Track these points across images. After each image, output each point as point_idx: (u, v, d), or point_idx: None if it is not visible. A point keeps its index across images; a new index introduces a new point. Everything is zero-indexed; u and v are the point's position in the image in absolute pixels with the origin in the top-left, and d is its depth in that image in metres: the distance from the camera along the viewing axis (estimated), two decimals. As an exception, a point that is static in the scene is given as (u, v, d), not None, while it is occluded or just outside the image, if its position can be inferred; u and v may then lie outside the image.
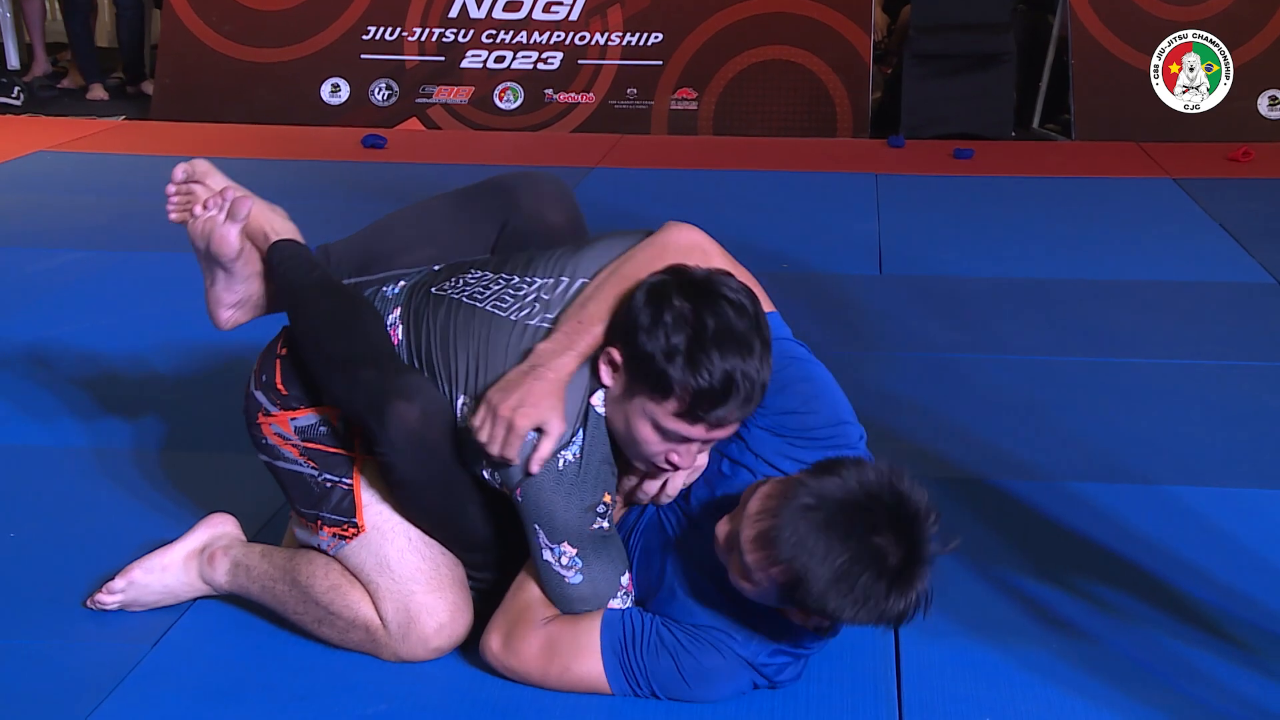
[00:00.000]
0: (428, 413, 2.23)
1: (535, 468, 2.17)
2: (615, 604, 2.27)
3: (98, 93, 8.42)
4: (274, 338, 2.50)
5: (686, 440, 2.15)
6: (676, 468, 2.21)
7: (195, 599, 2.55)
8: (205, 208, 2.54)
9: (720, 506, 2.22)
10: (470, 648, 2.38)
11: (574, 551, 2.22)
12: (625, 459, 2.25)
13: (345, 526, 2.37)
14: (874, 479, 2.02)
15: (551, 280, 2.32)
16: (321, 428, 2.40)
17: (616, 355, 2.17)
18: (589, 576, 2.24)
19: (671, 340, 2.09)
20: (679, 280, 2.15)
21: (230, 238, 2.50)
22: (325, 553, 2.41)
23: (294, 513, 2.46)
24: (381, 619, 2.35)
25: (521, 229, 2.50)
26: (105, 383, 3.64)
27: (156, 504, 2.96)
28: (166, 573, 2.52)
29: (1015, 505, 2.99)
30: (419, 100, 7.54)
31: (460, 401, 2.26)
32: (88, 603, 2.52)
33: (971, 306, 4.41)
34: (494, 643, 2.28)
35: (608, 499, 2.22)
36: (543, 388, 2.17)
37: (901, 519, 2.00)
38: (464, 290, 2.36)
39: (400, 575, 2.34)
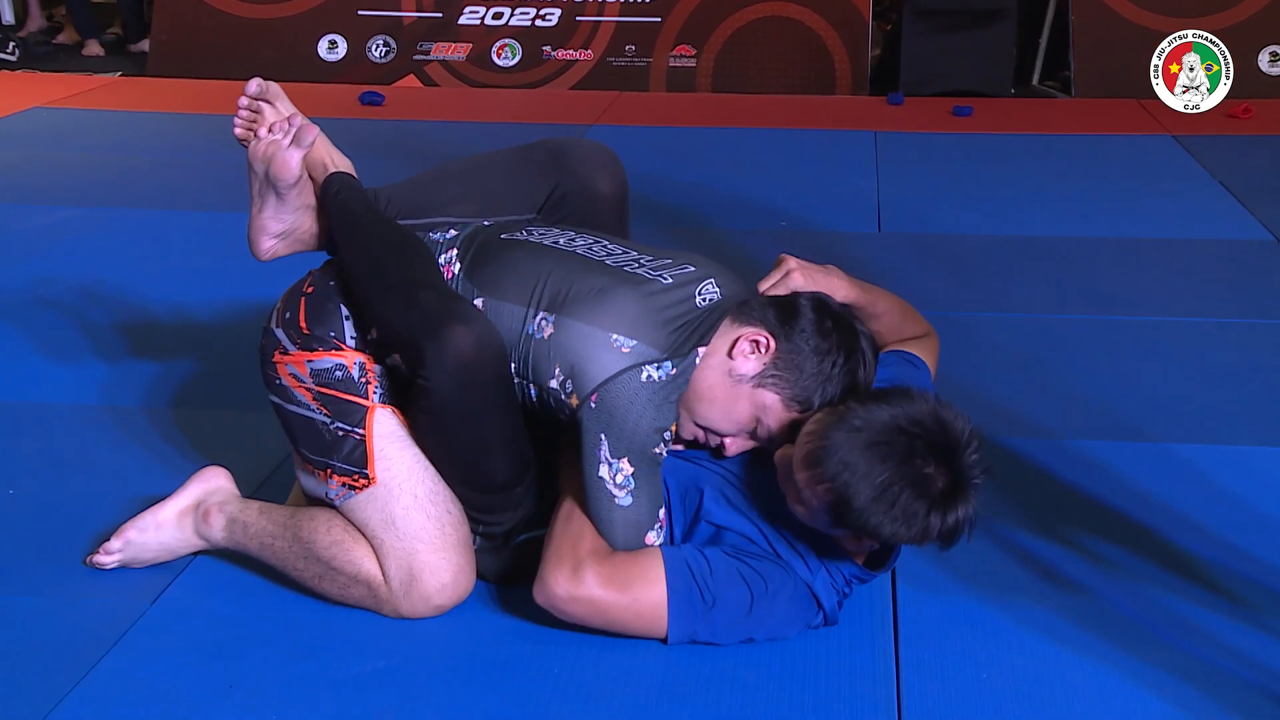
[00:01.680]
0: (483, 341, 2.25)
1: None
2: (652, 537, 2.29)
3: (93, 49, 8.37)
4: (299, 279, 2.49)
5: (765, 441, 2.33)
6: (718, 451, 2.37)
7: (193, 555, 2.55)
8: (270, 131, 2.53)
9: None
10: (469, 606, 2.39)
11: (630, 471, 2.24)
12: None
13: (356, 477, 2.36)
14: (920, 407, 2.16)
15: (650, 258, 2.41)
16: (337, 373, 2.39)
17: (770, 343, 2.29)
18: (636, 500, 2.26)
19: (835, 374, 2.29)
20: (847, 319, 2.35)
21: (292, 162, 2.50)
22: (331, 503, 2.41)
23: (299, 459, 2.45)
24: (384, 575, 2.35)
25: (571, 193, 2.55)
26: (103, 340, 3.64)
27: (156, 460, 2.96)
28: (161, 530, 2.51)
29: (1014, 462, 2.99)
30: (416, 57, 7.50)
31: (540, 317, 2.30)
32: (86, 562, 2.53)
33: (970, 264, 4.40)
34: (560, 577, 2.24)
35: (673, 429, 2.29)
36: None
37: (943, 444, 2.13)
38: (543, 237, 2.45)
39: (405, 532, 2.34)
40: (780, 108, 6.97)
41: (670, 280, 2.36)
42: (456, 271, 2.40)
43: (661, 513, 2.31)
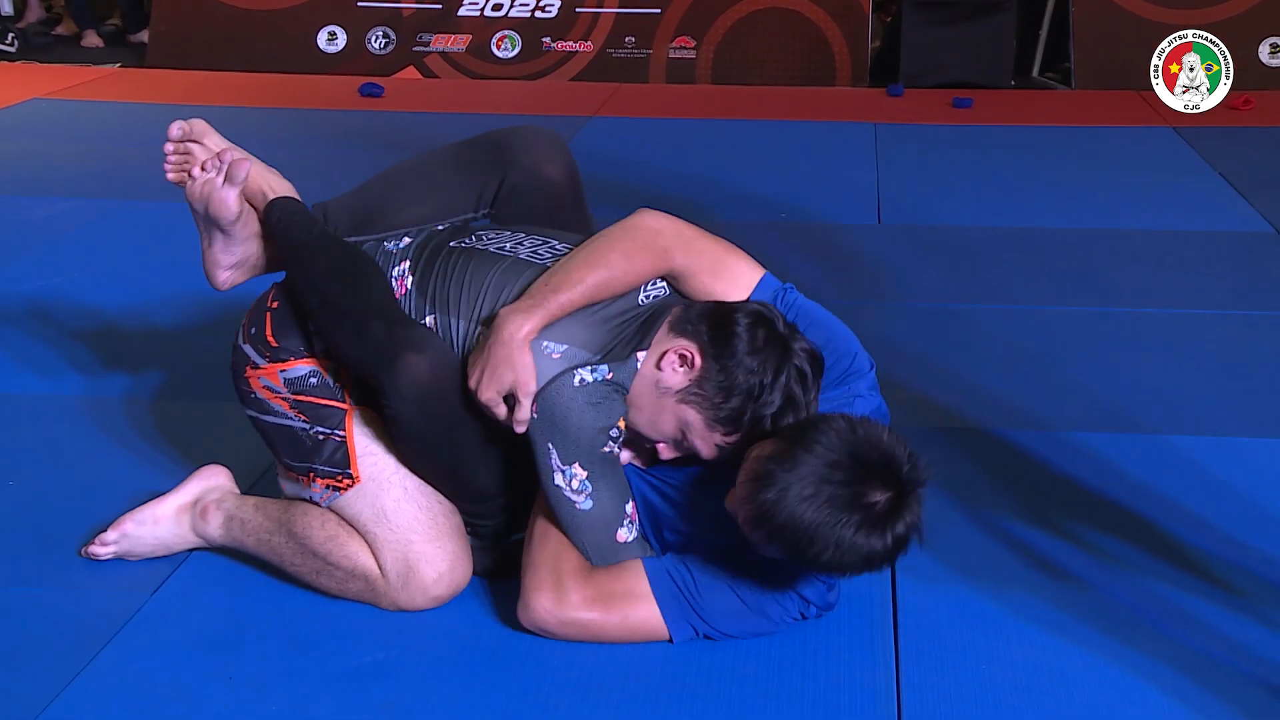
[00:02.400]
0: (437, 365, 2.25)
1: (518, 429, 2.23)
2: (623, 534, 2.29)
3: (92, 39, 8.36)
4: (264, 292, 2.50)
5: (690, 454, 2.28)
6: (659, 459, 2.33)
7: (189, 551, 2.55)
8: (204, 169, 2.52)
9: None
10: (467, 597, 2.39)
11: (584, 474, 2.23)
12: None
13: (339, 478, 2.37)
14: (834, 440, 2.11)
15: (571, 241, 2.39)
16: (311, 379, 2.40)
17: (698, 359, 2.23)
18: (598, 501, 2.25)
19: (764, 391, 2.19)
20: (767, 325, 2.24)
21: (229, 200, 2.48)
22: (317, 505, 2.41)
23: (282, 468, 2.46)
24: (381, 568, 2.36)
25: (520, 185, 2.51)
26: (102, 332, 3.64)
27: (153, 453, 2.96)
28: (158, 525, 2.52)
29: (1012, 454, 2.99)
30: (416, 48, 7.50)
31: (477, 333, 2.30)
32: (82, 552, 2.53)
33: (970, 256, 4.40)
34: (544, 601, 2.25)
35: (622, 425, 2.27)
36: (500, 353, 2.22)
37: (868, 469, 2.09)
38: (480, 242, 2.42)
39: (398, 525, 2.35)
40: (780, 99, 6.96)
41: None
42: (410, 286, 2.38)
43: (629, 507, 2.30)
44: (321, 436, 2.38)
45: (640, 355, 2.27)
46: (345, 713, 2.13)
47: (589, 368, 2.24)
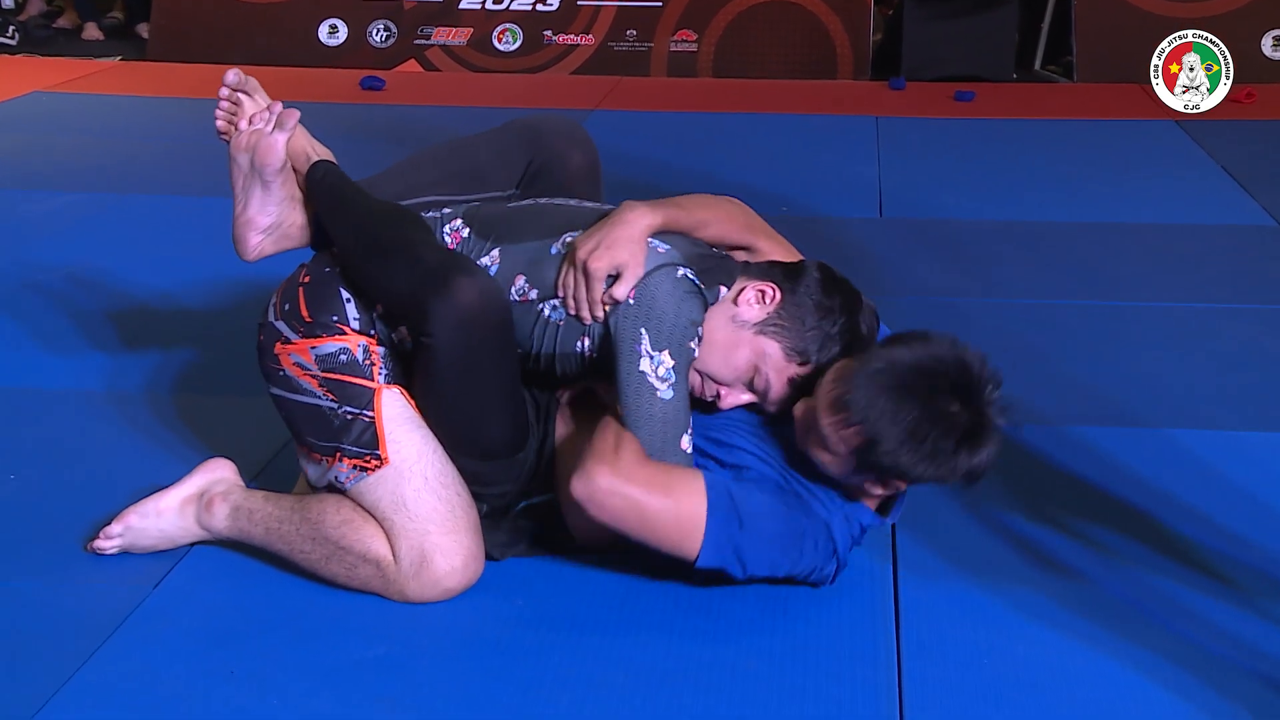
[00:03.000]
0: (486, 291, 2.30)
1: (600, 307, 2.32)
2: (686, 441, 2.31)
3: (92, 32, 8.35)
4: (293, 272, 2.50)
5: (760, 394, 2.36)
6: (713, 402, 2.39)
7: (192, 544, 2.55)
8: (251, 122, 2.56)
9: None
10: (471, 590, 2.39)
11: (671, 364, 2.28)
12: None
13: (368, 459, 2.37)
14: (939, 349, 2.21)
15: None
16: (341, 356, 2.40)
17: (775, 294, 2.35)
18: (677, 394, 2.29)
19: (836, 331, 2.33)
20: (848, 286, 2.40)
21: (277, 146, 2.52)
22: (341, 487, 2.41)
23: (303, 450, 2.46)
24: (395, 556, 2.36)
25: (546, 166, 2.60)
26: (102, 326, 3.63)
27: (157, 447, 2.96)
28: (162, 518, 2.51)
29: (1013, 449, 2.98)
30: (417, 41, 7.49)
31: (563, 239, 2.39)
32: (87, 548, 2.53)
33: (972, 249, 4.39)
34: (605, 469, 2.23)
35: (703, 333, 2.34)
36: (621, 233, 2.33)
37: (964, 384, 2.18)
38: (540, 200, 2.54)
39: (417, 514, 2.35)
40: (781, 93, 6.95)
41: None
42: (464, 235, 2.45)
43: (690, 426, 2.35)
44: (350, 416, 2.38)
45: (723, 290, 2.37)
46: (347, 706, 2.13)
47: (690, 269, 2.33)
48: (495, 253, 2.41)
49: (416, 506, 2.35)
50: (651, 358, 2.28)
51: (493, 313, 2.31)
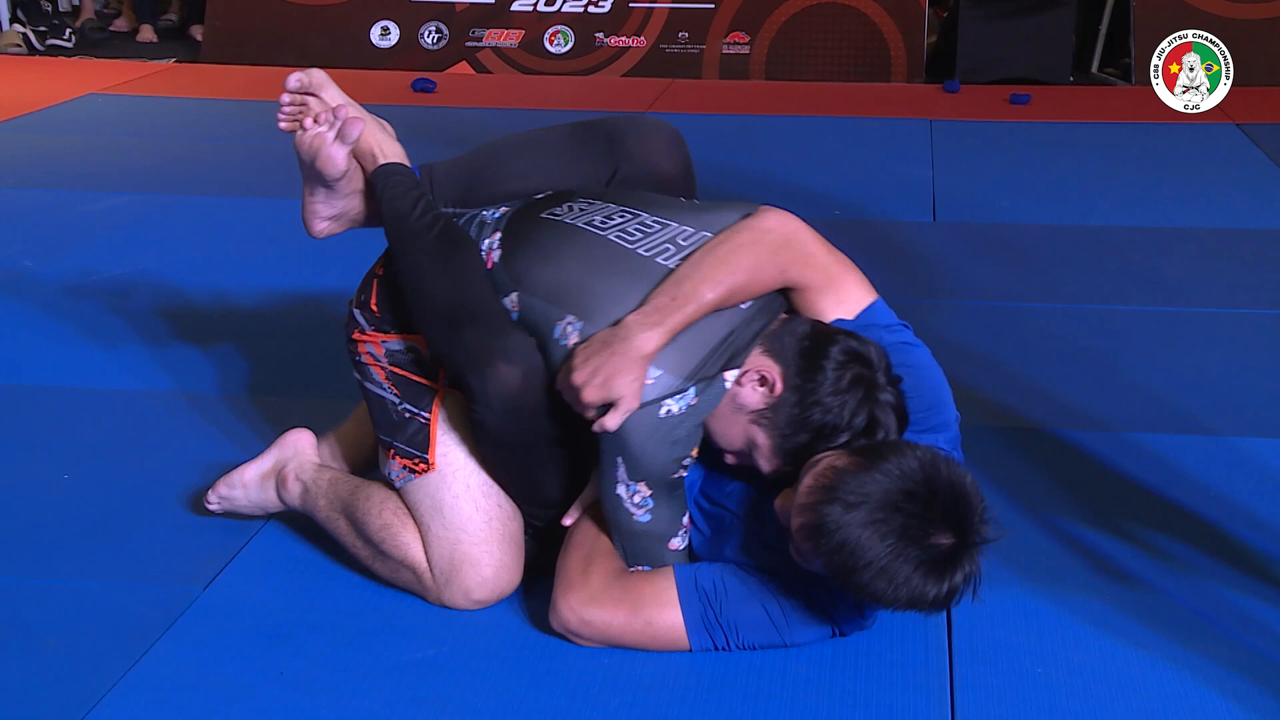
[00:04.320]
0: (529, 375, 2.22)
1: (595, 428, 2.17)
2: (676, 543, 2.27)
3: (147, 34, 8.43)
4: (376, 260, 2.47)
5: (752, 464, 2.25)
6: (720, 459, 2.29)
7: (261, 526, 2.60)
8: (316, 122, 2.47)
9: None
10: (520, 596, 2.38)
11: (648, 493, 2.21)
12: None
13: (416, 461, 2.37)
14: (915, 469, 2.03)
15: (689, 229, 2.30)
16: (408, 354, 2.40)
17: (779, 385, 2.17)
18: (656, 516, 2.24)
19: (835, 434, 2.15)
20: (858, 367, 2.17)
21: (338, 158, 2.44)
22: (391, 483, 2.41)
23: (377, 437, 2.48)
24: (429, 563, 2.35)
25: (634, 176, 2.48)
26: (158, 326, 3.65)
27: (212, 447, 2.97)
28: (248, 489, 2.59)
29: (1074, 454, 2.95)
30: (469, 44, 7.50)
31: (567, 321, 2.22)
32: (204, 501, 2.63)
33: (1028, 254, 4.35)
34: (571, 600, 2.23)
35: (694, 454, 2.23)
36: (619, 363, 2.13)
37: (943, 510, 2.03)
38: (580, 217, 2.34)
39: (451, 522, 2.34)
40: (834, 95, 6.92)
41: None
42: (497, 260, 2.32)
43: (684, 518, 2.29)
44: (408, 415, 2.38)
45: (729, 376, 2.21)
46: (396, 707, 2.12)
47: (677, 396, 2.17)
48: (514, 297, 2.28)
49: (452, 515, 2.34)
50: (628, 486, 2.21)
51: (534, 396, 2.23)
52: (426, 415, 2.37)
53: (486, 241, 2.36)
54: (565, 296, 2.24)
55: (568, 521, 2.36)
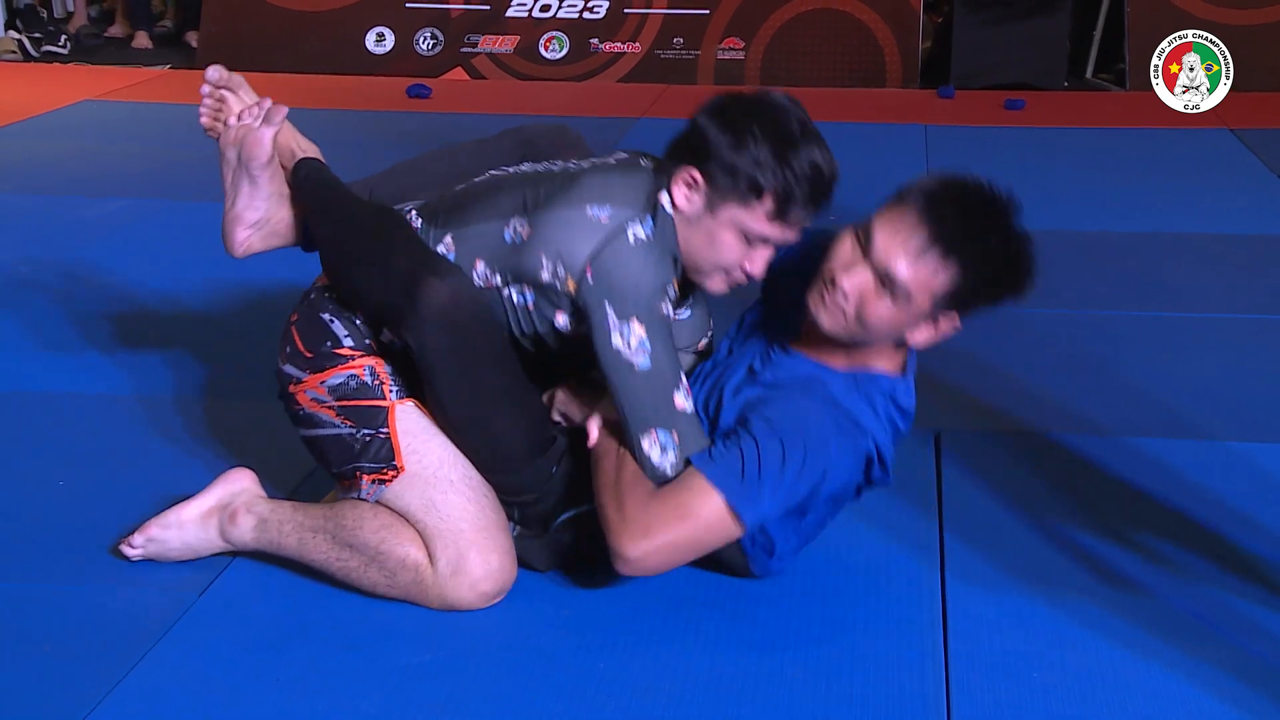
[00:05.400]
0: (458, 291, 2.29)
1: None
2: (680, 398, 2.28)
3: (142, 41, 8.43)
4: (286, 318, 2.52)
5: (766, 243, 2.31)
6: (750, 276, 2.35)
7: (217, 555, 2.52)
8: (239, 118, 2.58)
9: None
10: (516, 597, 2.38)
11: (642, 331, 2.24)
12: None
13: (384, 470, 2.37)
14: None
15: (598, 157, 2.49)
16: (351, 383, 2.41)
17: (696, 175, 2.28)
18: (655, 360, 2.25)
19: (759, 149, 2.25)
20: (738, 100, 2.34)
21: (264, 140, 2.54)
22: (367, 501, 2.40)
23: (336, 481, 2.48)
24: (431, 559, 2.34)
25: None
26: (151, 331, 3.65)
27: (199, 451, 2.96)
28: (184, 530, 2.48)
29: (1069, 458, 2.95)
30: (464, 50, 7.51)
31: (514, 222, 2.34)
32: (112, 551, 2.53)
33: (1023, 258, 4.34)
34: (625, 542, 2.23)
35: (676, 285, 2.30)
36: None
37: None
38: (495, 176, 2.50)
39: (448, 515, 2.34)
40: (829, 101, 6.90)
41: (622, 155, 2.46)
42: (419, 225, 2.44)
43: (681, 374, 2.31)
44: (368, 438, 2.39)
45: (663, 197, 2.31)
46: (392, 712, 2.12)
47: (637, 221, 2.28)
48: (448, 239, 2.40)
49: (446, 507, 2.34)
50: (621, 331, 2.25)
51: (467, 307, 2.29)
52: (385, 430, 2.38)
53: (408, 216, 2.48)
54: (502, 208, 2.37)
55: (593, 437, 2.38)
